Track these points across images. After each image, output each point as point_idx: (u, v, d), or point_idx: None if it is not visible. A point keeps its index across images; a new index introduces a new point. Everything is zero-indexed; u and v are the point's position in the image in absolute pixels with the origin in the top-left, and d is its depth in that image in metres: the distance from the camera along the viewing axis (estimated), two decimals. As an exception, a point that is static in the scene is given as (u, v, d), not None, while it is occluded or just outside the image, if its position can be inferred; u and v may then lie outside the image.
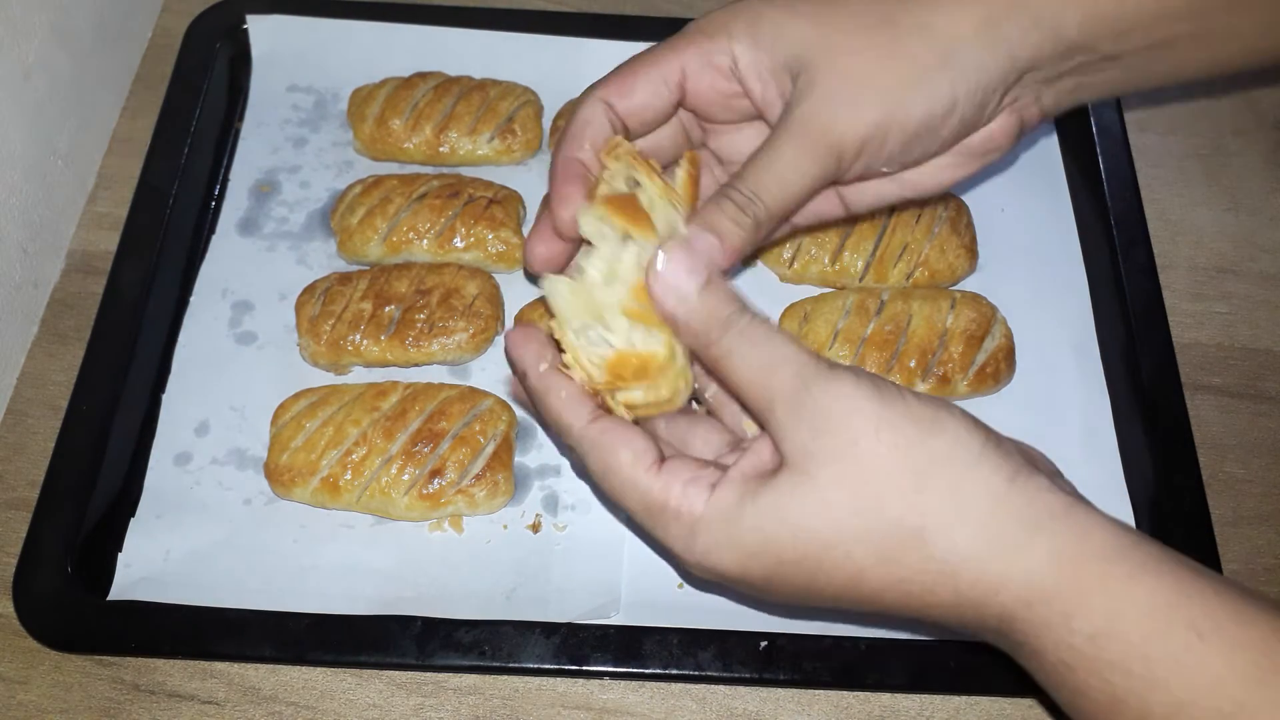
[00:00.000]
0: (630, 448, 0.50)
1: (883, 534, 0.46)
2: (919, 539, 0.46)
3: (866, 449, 0.46)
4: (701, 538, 0.49)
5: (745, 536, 0.48)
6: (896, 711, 0.67)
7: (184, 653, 0.66)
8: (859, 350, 0.74)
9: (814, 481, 0.46)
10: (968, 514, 0.46)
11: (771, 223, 0.54)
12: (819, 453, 0.46)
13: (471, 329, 0.75)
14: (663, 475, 0.50)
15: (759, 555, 0.48)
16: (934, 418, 0.47)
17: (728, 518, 0.48)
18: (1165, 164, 0.90)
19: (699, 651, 0.65)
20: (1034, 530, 0.45)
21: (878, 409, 0.46)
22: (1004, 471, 0.46)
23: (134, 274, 0.78)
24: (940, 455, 0.46)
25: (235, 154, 0.86)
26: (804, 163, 0.53)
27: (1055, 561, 0.45)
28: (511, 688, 0.67)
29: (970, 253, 0.79)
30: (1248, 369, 0.81)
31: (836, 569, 0.47)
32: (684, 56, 0.56)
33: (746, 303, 0.50)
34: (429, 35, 0.90)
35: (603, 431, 0.51)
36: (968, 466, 0.46)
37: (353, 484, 0.69)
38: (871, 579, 0.47)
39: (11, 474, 0.73)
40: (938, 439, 0.46)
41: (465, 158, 0.85)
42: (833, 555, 0.47)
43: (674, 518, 0.49)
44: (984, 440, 0.47)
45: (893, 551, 0.46)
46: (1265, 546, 0.73)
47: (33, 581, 0.67)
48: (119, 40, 0.90)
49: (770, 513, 0.47)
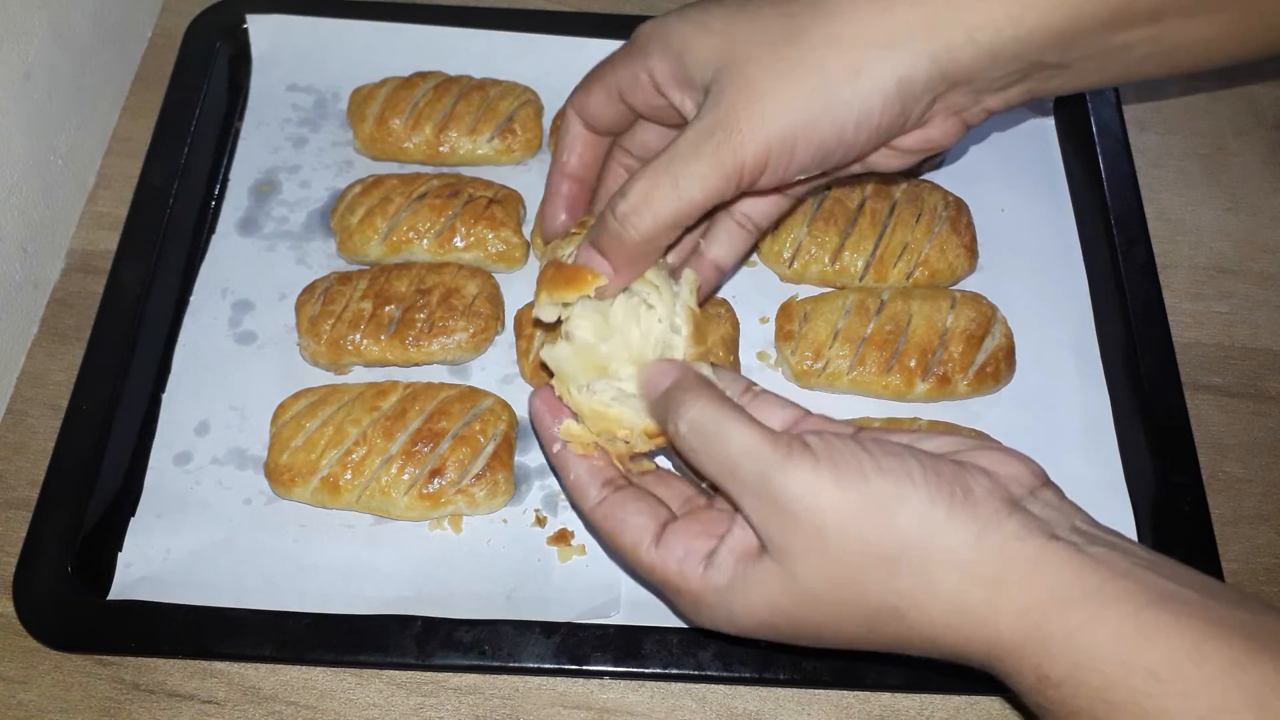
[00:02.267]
0: (630, 531, 0.55)
1: (866, 615, 0.49)
2: (899, 617, 0.49)
3: (837, 544, 0.48)
4: (705, 612, 0.53)
5: (745, 616, 0.52)
6: (896, 711, 0.67)
7: (184, 652, 0.66)
8: (859, 350, 0.74)
9: (794, 575, 0.49)
10: (938, 590, 0.48)
11: (660, 234, 0.55)
12: (793, 549, 0.49)
13: (471, 328, 0.75)
14: (660, 552, 0.53)
15: (760, 629, 0.52)
16: (896, 496, 0.48)
17: (723, 600, 0.52)
18: (1165, 164, 0.90)
19: (699, 651, 0.65)
20: (999, 590, 0.47)
21: (839, 499, 0.48)
22: (970, 532, 0.47)
23: (134, 274, 0.78)
24: (907, 539, 0.48)
25: (235, 154, 0.86)
26: (703, 177, 0.53)
27: (1022, 617, 0.46)
28: (511, 687, 0.67)
29: (970, 252, 0.79)
30: (1248, 369, 0.81)
31: (834, 638, 0.51)
32: (618, 72, 0.59)
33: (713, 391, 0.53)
34: (429, 35, 0.90)
35: (605, 517, 0.56)
36: (933, 540, 0.47)
37: (353, 483, 0.69)
38: (865, 643, 0.51)
39: (11, 474, 0.73)
40: (902, 519, 0.48)
41: (465, 157, 0.85)
42: (824, 632, 0.51)
43: (676, 593, 0.54)
44: (948, 505, 0.48)
45: (879, 625, 0.50)
46: (1265, 546, 0.73)
47: (33, 581, 0.67)
48: (119, 40, 0.90)
49: (760, 600, 0.51)
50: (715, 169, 0.53)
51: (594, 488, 0.57)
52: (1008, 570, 0.47)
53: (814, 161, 0.55)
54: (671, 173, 0.54)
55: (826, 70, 0.52)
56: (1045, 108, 0.89)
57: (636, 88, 0.59)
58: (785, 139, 0.53)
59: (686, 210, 0.54)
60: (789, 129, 0.53)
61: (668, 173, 0.54)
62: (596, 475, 0.57)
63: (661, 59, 0.57)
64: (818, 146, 0.54)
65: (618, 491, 0.57)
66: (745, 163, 0.53)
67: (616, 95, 0.60)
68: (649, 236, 0.55)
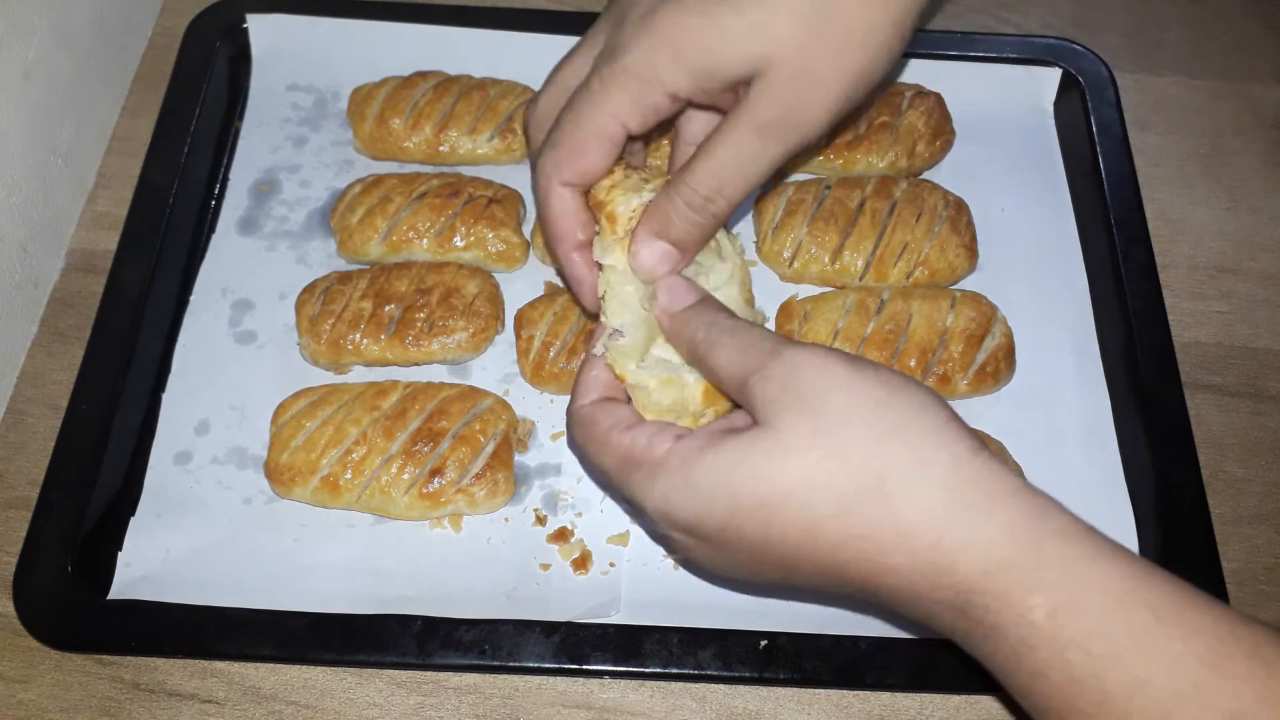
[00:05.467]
0: (610, 417, 0.54)
1: (844, 481, 0.46)
2: (879, 489, 0.46)
3: (834, 401, 0.47)
4: (660, 480, 0.50)
5: (703, 480, 0.49)
6: (896, 710, 0.67)
7: (184, 652, 0.66)
8: (859, 349, 0.74)
9: (779, 431, 0.48)
10: (930, 471, 0.46)
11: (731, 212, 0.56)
12: (788, 404, 0.48)
13: (471, 328, 0.75)
14: (632, 431, 0.53)
15: (714, 499, 0.49)
16: (904, 383, 0.49)
17: (687, 462, 0.49)
18: (1165, 164, 0.90)
19: (699, 650, 0.65)
20: (994, 501, 0.46)
21: (847, 370, 0.48)
22: (966, 444, 0.47)
23: (134, 273, 0.78)
24: (906, 415, 0.47)
25: (235, 153, 0.86)
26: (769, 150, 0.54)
27: (1014, 534, 0.45)
28: (512, 687, 0.67)
29: (970, 252, 0.79)
30: (1247, 368, 0.81)
31: (793, 519, 0.47)
32: (617, 106, 0.55)
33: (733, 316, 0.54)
34: (429, 34, 0.90)
35: (590, 411, 0.56)
36: (933, 430, 0.47)
37: (353, 483, 0.69)
38: (828, 532, 0.47)
39: (11, 473, 0.73)
40: (905, 401, 0.48)
41: (465, 157, 0.85)
42: (790, 502, 0.47)
43: (637, 466, 0.51)
44: (950, 415, 0.49)
45: (851, 503, 0.46)
46: (1265, 545, 0.73)
47: (33, 581, 0.67)
48: (118, 40, 0.90)
49: (730, 458, 0.48)
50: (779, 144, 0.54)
51: (598, 392, 0.57)
52: (1001, 489, 0.46)
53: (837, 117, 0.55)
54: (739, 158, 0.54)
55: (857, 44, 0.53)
56: (1045, 108, 0.90)
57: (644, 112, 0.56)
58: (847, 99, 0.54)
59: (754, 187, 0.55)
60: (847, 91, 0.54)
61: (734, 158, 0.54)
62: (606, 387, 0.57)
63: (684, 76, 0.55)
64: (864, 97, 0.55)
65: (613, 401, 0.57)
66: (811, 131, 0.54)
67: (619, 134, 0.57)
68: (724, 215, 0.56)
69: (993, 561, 0.45)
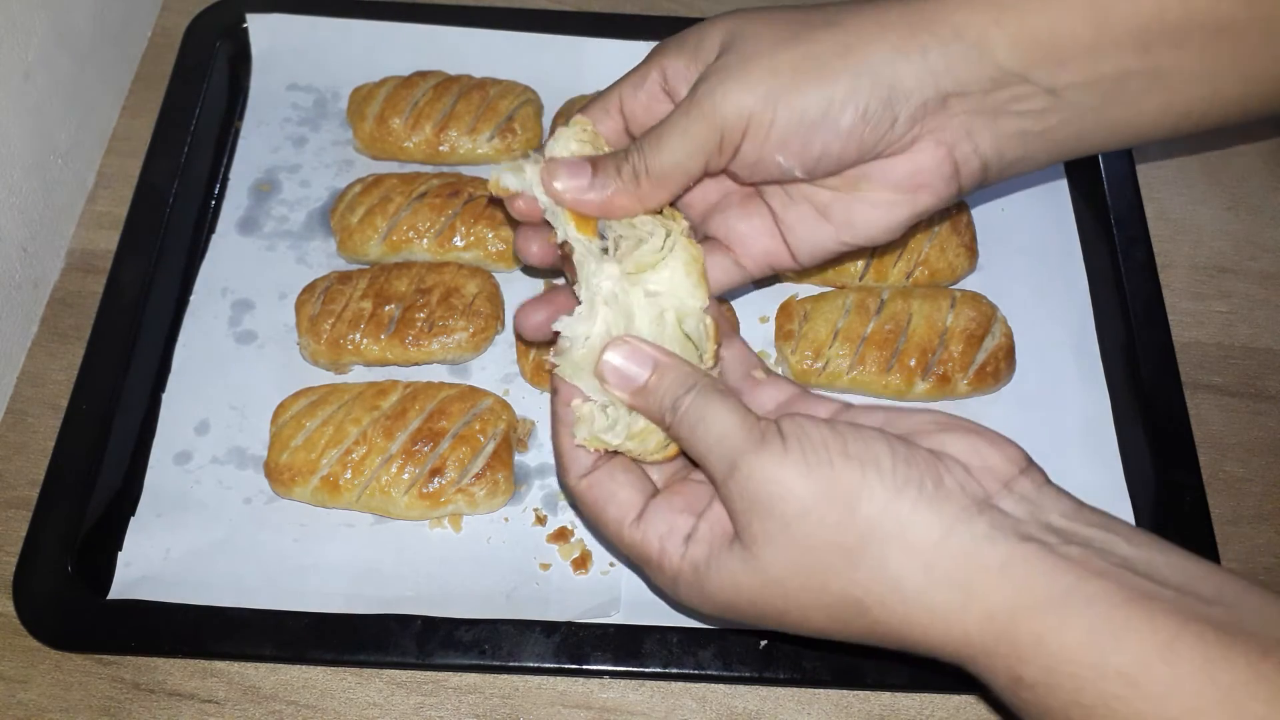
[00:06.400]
0: (616, 503, 0.55)
1: (830, 605, 0.49)
2: (862, 610, 0.49)
3: (799, 532, 0.48)
4: (682, 588, 0.53)
5: (715, 594, 0.52)
6: (896, 710, 0.67)
7: (184, 652, 0.66)
8: (859, 349, 0.74)
9: (760, 561, 0.49)
10: (902, 586, 0.47)
11: (655, 184, 0.55)
12: (758, 535, 0.49)
13: (471, 328, 0.75)
14: (643, 526, 0.54)
15: (731, 608, 0.52)
16: (861, 484, 0.48)
17: (699, 578, 0.52)
18: (1165, 163, 0.90)
19: (699, 650, 0.65)
20: (966, 593, 0.46)
21: (802, 487, 0.48)
22: (936, 529, 0.47)
23: (134, 273, 0.78)
24: (869, 530, 0.47)
25: (235, 153, 0.86)
26: (690, 134, 0.54)
27: (989, 620, 0.46)
28: (511, 686, 0.67)
29: (970, 252, 0.79)
30: (1247, 368, 0.81)
31: (800, 625, 0.51)
32: (621, 87, 0.60)
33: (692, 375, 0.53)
34: (429, 34, 0.90)
35: (590, 487, 0.56)
36: (893, 538, 0.47)
37: (353, 483, 0.69)
38: (832, 633, 0.51)
39: (11, 473, 0.73)
40: (864, 509, 0.47)
41: (465, 157, 0.85)
42: (790, 618, 0.51)
43: (657, 569, 0.54)
44: (915, 499, 0.47)
45: (843, 616, 0.49)
46: (1265, 545, 0.73)
47: (33, 581, 0.67)
48: (118, 39, 0.90)
49: (729, 581, 0.51)
50: (700, 129, 0.54)
51: (590, 457, 0.56)
52: (975, 573, 0.46)
53: (798, 138, 0.54)
54: (665, 133, 0.55)
55: (818, 44, 0.54)
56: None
57: (642, 91, 0.59)
58: (768, 102, 0.54)
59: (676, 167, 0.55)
60: (770, 94, 0.53)
61: (661, 133, 0.55)
62: None
63: (675, 54, 0.58)
64: (802, 119, 0.54)
65: (607, 461, 0.56)
66: (727, 124, 0.54)
67: (617, 112, 0.60)
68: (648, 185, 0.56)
69: (974, 651, 0.47)
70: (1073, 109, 0.55)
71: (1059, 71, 0.54)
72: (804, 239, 0.61)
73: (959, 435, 0.50)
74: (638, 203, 0.56)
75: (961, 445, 0.50)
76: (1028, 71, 0.54)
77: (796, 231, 0.61)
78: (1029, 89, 0.54)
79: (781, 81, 0.53)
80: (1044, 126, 0.56)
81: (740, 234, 0.63)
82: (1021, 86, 0.54)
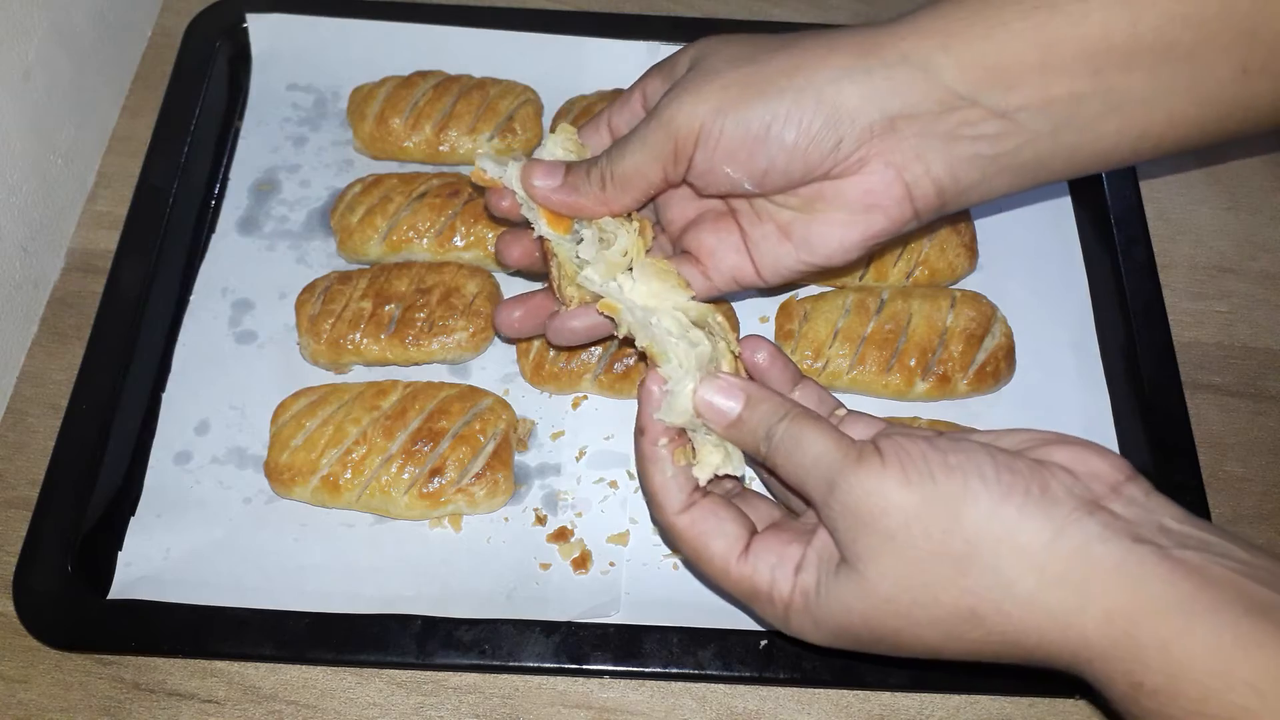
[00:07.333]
0: (723, 537, 0.55)
1: (943, 618, 0.48)
2: (977, 620, 0.48)
3: (905, 544, 0.48)
4: (794, 620, 0.53)
5: (828, 622, 0.51)
6: (896, 710, 0.67)
7: (184, 652, 0.66)
8: (859, 349, 0.74)
9: (868, 580, 0.49)
10: (1015, 591, 0.46)
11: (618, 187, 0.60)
12: (863, 553, 0.49)
13: (471, 328, 0.75)
14: (750, 560, 0.54)
15: (844, 634, 0.52)
16: (964, 492, 0.47)
17: (810, 606, 0.52)
18: (1165, 163, 0.90)
19: (699, 650, 0.65)
20: (1083, 594, 0.45)
21: (904, 500, 0.48)
22: (1046, 531, 0.46)
23: (134, 273, 0.78)
24: (976, 536, 0.47)
25: (235, 153, 0.86)
26: (648, 142, 0.58)
27: (1109, 622, 0.45)
28: (512, 686, 0.67)
29: (970, 251, 0.79)
30: (1248, 368, 0.81)
31: (914, 644, 0.50)
32: (611, 106, 0.65)
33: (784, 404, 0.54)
34: (429, 34, 0.90)
35: (693, 523, 0.55)
36: (1003, 542, 0.46)
37: (353, 483, 0.69)
38: (947, 650, 0.50)
39: (11, 473, 0.73)
40: (969, 517, 0.47)
41: (465, 157, 0.85)
42: (904, 638, 0.50)
43: (767, 601, 0.53)
44: (1021, 503, 0.47)
45: (957, 629, 0.48)
46: (1265, 546, 0.73)
47: (33, 580, 0.67)
48: (118, 39, 0.90)
49: (840, 606, 0.50)
50: (656, 138, 0.58)
51: (684, 492, 0.56)
52: (1091, 573, 0.45)
53: (745, 151, 0.56)
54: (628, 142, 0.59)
55: (769, 64, 0.56)
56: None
57: (626, 109, 0.64)
58: (717, 115, 0.56)
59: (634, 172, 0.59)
60: (719, 107, 0.56)
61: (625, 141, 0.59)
62: (687, 481, 0.56)
63: (654, 75, 0.63)
64: (747, 133, 0.56)
65: (705, 499, 0.56)
66: (679, 135, 0.57)
67: (605, 127, 0.65)
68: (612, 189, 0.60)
69: (1092, 653, 0.46)
70: (1027, 133, 0.55)
71: (1009, 95, 0.54)
72: (767, 256, 0.62)
73: (1062, 446, 0.50)
74: (603, 205, 0.61)
75: (1065, 454, 0.49)
76: (977, 95, 0.54)
77: (761, 249, 0.62)
78: (980, 112, 0.55)
79: (730, 95, 0.56)
80: (998, 151, 0.56)
81: (709, 248, 0.64)
82: (972, 110, 0.55)
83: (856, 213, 0.58)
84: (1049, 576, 0.46)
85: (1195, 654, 0.43)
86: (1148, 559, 0.45)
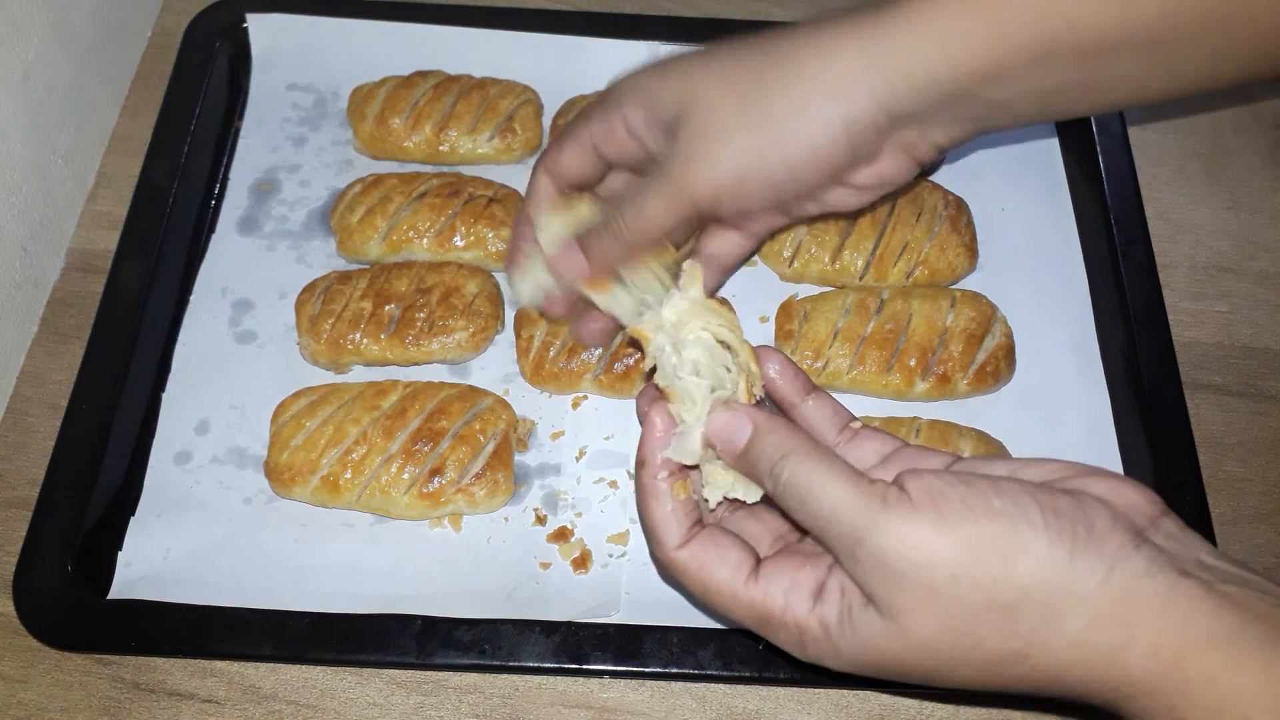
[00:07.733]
0: (726, 564, 0.52)
1: (984, 659, 0.47)
2: (1020, 660, 0.46)
3: (949, 597, 0.46)
4: (810, 647, 0.50)
5: (852, 656, 0.49)
6: (896, 711, 0.67)
7: (184, 652, 0.66)
8: (859, 349, 0.74)
9: (908, 631, 0.47)
10: (1063, 632, 0.45)
11: (641, 243, 0.61)
12: (903, 606, 0.46)
13: (471, 328, 0.75)
14: (762, 583, 0.51)
15: (870, 667, 0.49)
16: (1014, 541, 0.45)
17: (831, 637, 0.49)
18: (1165, 163, 0.90)
19: (699, 650, 0.65)
20: (1130, 629, 0.45)
21: (948, 551, 0.45)
22: (1098, 574, 0.45)
23: (134, 273, 0.78)
24: (1029, 585, 0.45)
25: (235, 153, 0.86)
26: (665, 207, 0.60)
27: (1155, 657, 0.44)
28: (512, 686, 0.67)
29: (970, 251, 0.79)
30: (1247, 368, 0.81)
31: (949, 679, 0.49)
32: (592, 126, 0.64)
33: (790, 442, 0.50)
34: (429, 34, 0.90)
35: (693, 555, 0.52)
36: (1057, 585, 0.45)
37: (353, 483, 0.69)
38: (982, 684, 0.48)
39: (11, 473, 0.73)
40: (1023, 566, 0.45)
41: (465, 156, 0.85)
42: (939, 675, 0.48)
43: (781, 626, 0.50)
44: (1070, 547, 0.45)
45: (998, 668, 0.47)
46: (1265, 545, 0.73)
47: (33, 580, 0.67)
48: (118, 39, 0.90)
49: (871, 646, 0.48)
50: (674, 205, 0.59)
51: (684, 526, 0.53)
52: (1139, 609, 0.44)
53: (767, 197, 0.60)
54: (642, 207, 0.60)
55: (775, 112, 0.57)
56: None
57: (611, 136, 0.63)
58: (737, 178, 0.58)
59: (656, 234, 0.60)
60: (739, 169, 0.58)
61: (639, 206, 0.60)
62: (686, 516, 0.53)
63: (635, 105, 0.62)
64: (768, 183, 0.59)
65: (703, 530, 0.54)
66: (699, 201, 0.59)
67: (590, 147, 0.64)
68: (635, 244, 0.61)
69: (1135, 689, 0.45)
70: (1016, 114, 0.60)
71: (1004, 87, 0.57)
72: None
73: (1095, 479, 0.49)
74: (631, 257, 0.62)
75: (1101, 487, 0.48)
76: (977, 92, 0.57)
77: None
78: (977, 102, 0.58)
79: (745, 162, 0.58)
80: (993, 123, 0.61)
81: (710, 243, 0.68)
82: (970, 101, 0.58)
83: (867, 189, 0.62)
84: (1097, 617, 0.45)
85: (1242, 688, 0.43)
86: (1193, 592, 0.44)
